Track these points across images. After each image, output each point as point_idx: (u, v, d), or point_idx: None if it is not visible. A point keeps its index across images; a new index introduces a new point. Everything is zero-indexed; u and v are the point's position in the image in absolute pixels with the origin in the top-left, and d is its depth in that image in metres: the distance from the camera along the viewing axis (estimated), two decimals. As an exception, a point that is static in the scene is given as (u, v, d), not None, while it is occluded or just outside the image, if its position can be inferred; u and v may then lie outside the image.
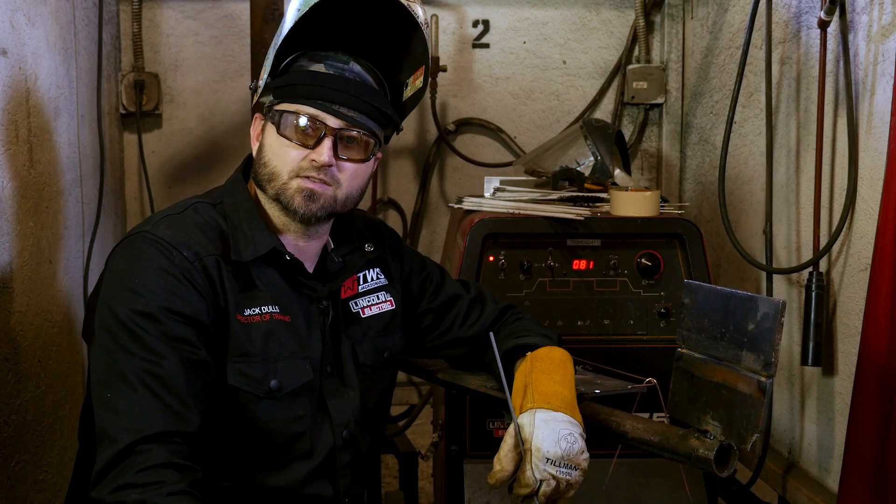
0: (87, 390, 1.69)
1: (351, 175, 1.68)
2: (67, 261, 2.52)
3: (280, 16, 2.72)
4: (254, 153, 1.74)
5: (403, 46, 1.78)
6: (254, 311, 1.65)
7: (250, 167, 1.79)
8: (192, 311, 1.57)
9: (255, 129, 1.75)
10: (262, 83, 1.71)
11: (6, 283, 2.05)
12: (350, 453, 1.76)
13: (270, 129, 1.68)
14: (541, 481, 1.57)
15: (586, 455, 1.60)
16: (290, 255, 1.70)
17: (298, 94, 1.65)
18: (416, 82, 1.79)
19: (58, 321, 2.39)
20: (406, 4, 1.70)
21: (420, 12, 1.72)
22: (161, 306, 1.54)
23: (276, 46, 1.67)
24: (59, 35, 2.49)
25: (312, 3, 1.62)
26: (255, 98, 1.73)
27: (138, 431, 1.46)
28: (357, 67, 1.69)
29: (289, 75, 1.68)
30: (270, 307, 1.67)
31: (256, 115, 1.75)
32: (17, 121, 2.12)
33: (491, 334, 1.70)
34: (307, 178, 1.64)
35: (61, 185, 2.46)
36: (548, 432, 1.58)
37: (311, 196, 1.65)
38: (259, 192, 1.73)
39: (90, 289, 2.64)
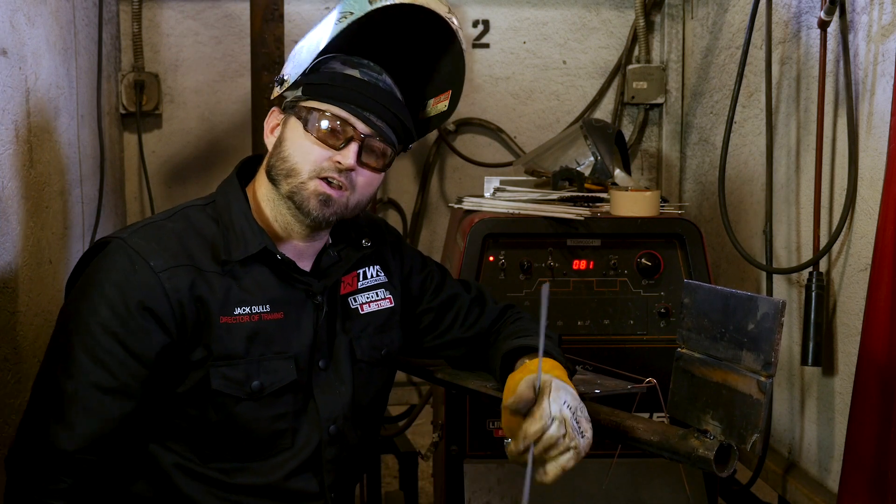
0: None
1: (366, 182, 1.69)
2: (68, 261, 2.52)
3: (280, 16, 2.72)
4: (268, 146, 1.73)
5: (433, 63, 1.79)
6: (243, 310, 1.66)
7: (246, 169, 1.79)
8: (128, 335, 1.59)
9: (270, 122, 1.74)
10: (290, 78, 1.70)
11: (6, 283, 2.05)
12: (336, 448, 1.76)
13: (294, 125, 1.67)
14: (553, 420, 1.51)
15: (591, 432, 1.57)
16: (281, 254, 1.70)
17: (332, 94, 1.65)
18: (437, 105, 1.81)
19: (58, 321, 2.39)
20: (445, 17, 1.70)
21: (456, 23, 1.72)
22: (100, 323, 1.58)
23: (320, 48, 1.66)
24: (59, 35, 2.49)
25: (366, 11, 1.63)
26: (279, 91, 1.72)
27: (20, 438, 1.61)
28: (388, 80, 1.71)
29: (322, 74, 1.68)
30: (260, 307, 1.67)
31: (274, 108, 1.74)
32: (17, 121, 2.12)
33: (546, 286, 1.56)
34: (326, 180, 1.65)
35: (61, 185, 2.46)
36: (563, 391, 1.55)
37: (326, 201, 1.65)
38: (263, 193, 1.72)
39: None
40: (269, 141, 1.73)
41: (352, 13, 1.63)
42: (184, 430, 1.67)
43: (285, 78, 1.71)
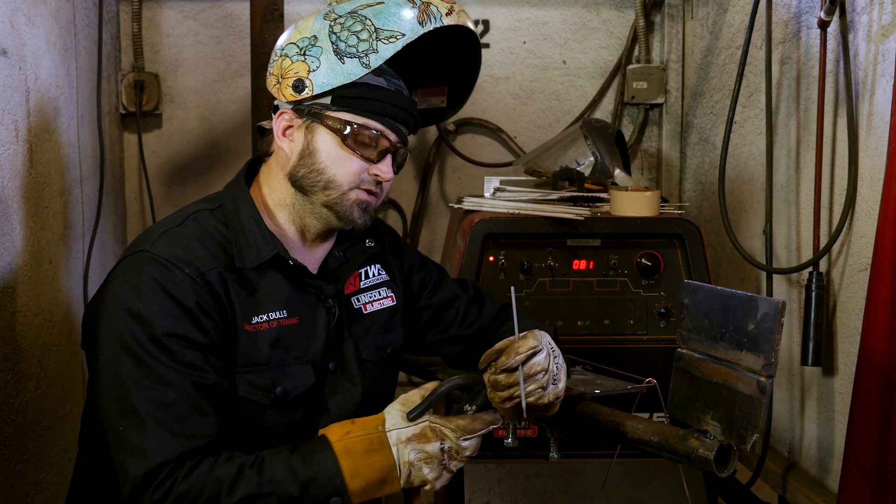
0: (89, 399, 1.69)
1: (388, 184, 1.74)
2: (67, 261, 2.52)
3: (280, 16, 2.72)
4: (284, 149, 1.71)
5: (444, 61, 1.83)
6: (261, 318, 1.66)
7: (253, 171, 1.79)
8: (197, 333, 1.57)
9: (281, 124, 1.71)
10: (319, 86, 1.67)
11: (6, 283, 2.05)
12: None
13: (327, 136, 1.67)
14: (542, 349, 1.60)
15: (564, 383, 1.66)
16: (293, 259, 1.70)
17: (367, 108, 1.67)
18: (430, 98, 1.83)
19: (58, 321, 2.39)
20: (477, 34, 1.78)
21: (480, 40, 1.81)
22: (167, 332, 1.55)
23: (370, 69, 1.65)
24: (59, 35, 2.49)
25: (418, 34, 1.65)
26: (296, 97, 1.68)
27: (149, 462, 1.51)
28: (403, 83, 1.73)
29: (354, 86, 1.67)
30: (277, 313, 1.68)
31: (284, 110, 1.71)
32: (17, 121, 2.13)
33: (512, 289, 1.67)
34: (365, 190, 1.69)
35: (61, 185, 2.46)
36: (548, 338, 1.66)
37: (366, 208, 1.70)
38: (277, 198, 1.72)
39: (90, 289, 2.64)
40: (284, 143, 1.71)
41: (402, 34, 1.65)
42: None
43: (313, 83, 1.67)
